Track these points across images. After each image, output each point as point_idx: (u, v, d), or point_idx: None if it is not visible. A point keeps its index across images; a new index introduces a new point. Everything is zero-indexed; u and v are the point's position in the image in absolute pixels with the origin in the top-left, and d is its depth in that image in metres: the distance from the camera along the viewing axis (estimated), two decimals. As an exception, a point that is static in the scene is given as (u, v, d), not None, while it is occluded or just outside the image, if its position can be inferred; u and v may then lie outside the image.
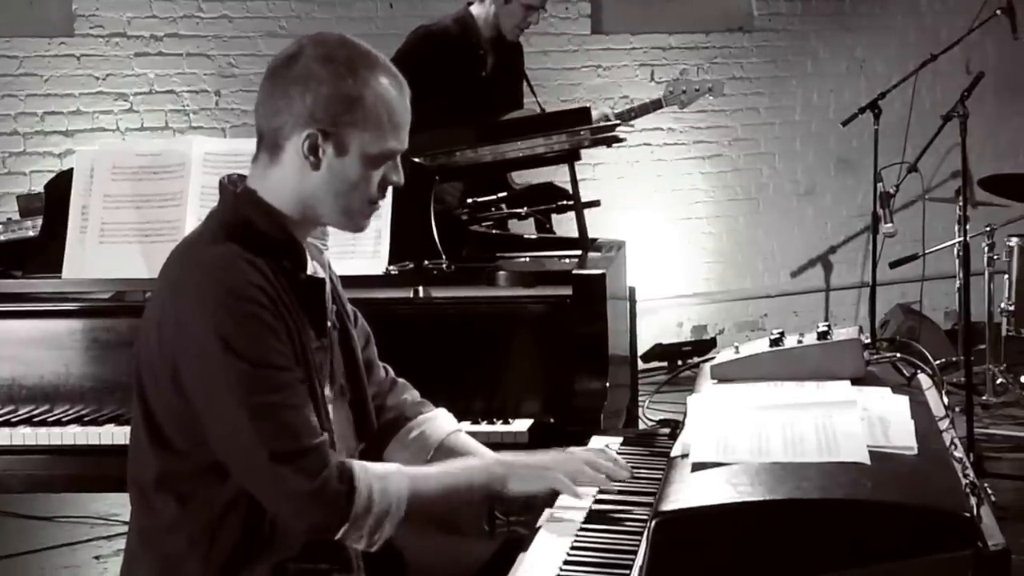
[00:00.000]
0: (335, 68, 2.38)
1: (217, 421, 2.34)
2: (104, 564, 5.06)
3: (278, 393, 2.33)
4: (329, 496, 2.34)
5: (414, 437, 2.76)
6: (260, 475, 2.34)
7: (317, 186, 2.43)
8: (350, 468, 2.38)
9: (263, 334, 2.33)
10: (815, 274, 8.72)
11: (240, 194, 2.47)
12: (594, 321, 3.50)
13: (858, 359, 2.74)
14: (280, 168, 2.43)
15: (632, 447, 2.86)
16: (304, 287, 2.47)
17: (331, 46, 2.42)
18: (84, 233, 3.72)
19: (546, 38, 7.88)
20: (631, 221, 7.64)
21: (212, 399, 2.33)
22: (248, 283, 2.33)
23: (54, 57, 6.85)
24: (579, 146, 4.17)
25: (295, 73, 2.39)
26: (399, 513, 2.41)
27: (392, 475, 2.43)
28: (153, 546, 2.46)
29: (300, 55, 2.41)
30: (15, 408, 3.62)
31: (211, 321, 2.31)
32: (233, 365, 2.30)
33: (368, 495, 2.37)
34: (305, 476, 2.32)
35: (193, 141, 3.81)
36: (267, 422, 2.32)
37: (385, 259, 3.61)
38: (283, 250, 2.44)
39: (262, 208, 2.44)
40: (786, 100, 8.66)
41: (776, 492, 1.99)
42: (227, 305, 2.32)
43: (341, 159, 2.41)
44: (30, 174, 6.74)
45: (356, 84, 2.39)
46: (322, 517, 2.36)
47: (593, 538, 2.33)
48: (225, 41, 7.22)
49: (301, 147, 2.40)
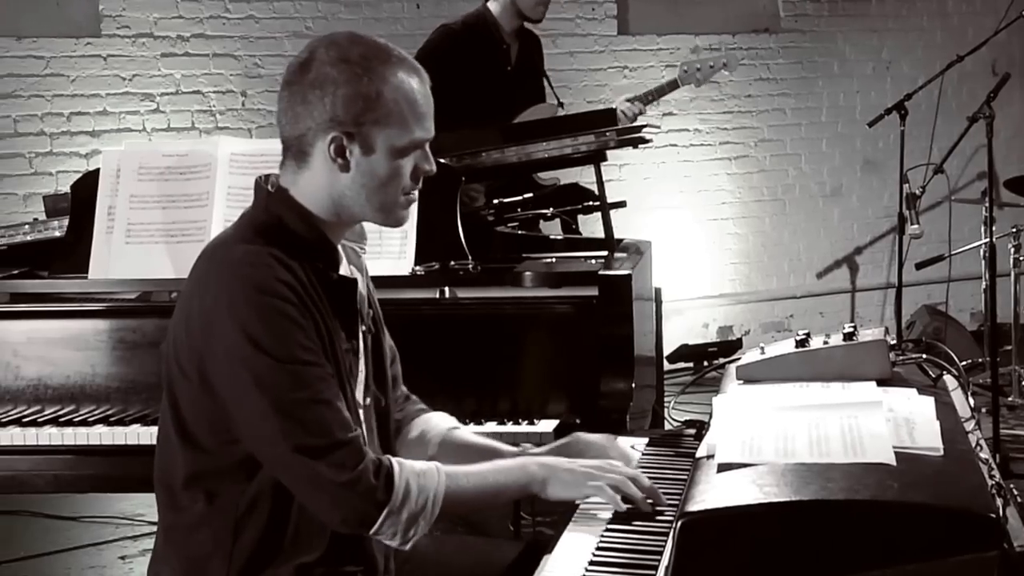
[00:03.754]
0: (350, 68, 2.38)
1: (248, 418, 2.34)
2: (130, 564, 5.07)
3: (308, 388, 2.33)
4: (365, 489, 2.34)
5: (414, 437, 2.77)
6: (294, 471, 2.34)
7: (349, 186, 2.43)
8: (388, 463, 2.38)
9: (291, 330, 2.33)
10: (841, 275, 8.70)
11: (273, 194, 2.47)
12: (620, 322, 3.49)
13: (884, 360, 2.73)
14: (310, 172, 2.43)
15: (658, 448, 2.85)
16: (336, 287, 2.47)
17: (343, 46, 2.41)
18: (110, 233, 3.73)
19: (572, 39, 7.89)
20: (657, 222, 7.64)
21: (242, 396, 2.34)
22: (276, 279, 2.34)
23: (81, 57, 6.88)
24: (605, 147, 4.16)
25: (311, 78, 2.39)
26: (434, 510, 2.40)
27: (429, 472, 2.43)
28: (178, 545, 2.47)
29: (313, 60, 2.40)
30: (41, 408, 3.63)
31: (239, 318, 2.31)
32: (261, 361, 2.31)
33: (405, 490, 2.37)
34: (340, 469, 2.32)
35: (219, 142, 3.81)
36: (298, 418, 2.32)
37: (411, 260, 3.61)
38: (315, 250, 2.44)
39: (295, 208, 2.44)
40: (812, 101, 8.64)
41: (802, 493, 1.98)
42: (254, 301, 2.32)
43: (369, 157, 2.41)
44: (56, 174, 6.77)
45: (373, 81, 2.38)
46: (357, 510, 2.35)
47: (618, 539, 2.32)
48: (252, 42, 7.23)
49: (327, 151, 2.40)
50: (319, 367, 2.36)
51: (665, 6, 8.34)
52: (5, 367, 3.66)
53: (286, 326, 2.33)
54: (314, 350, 2.36)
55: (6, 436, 3.50)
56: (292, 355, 2.33)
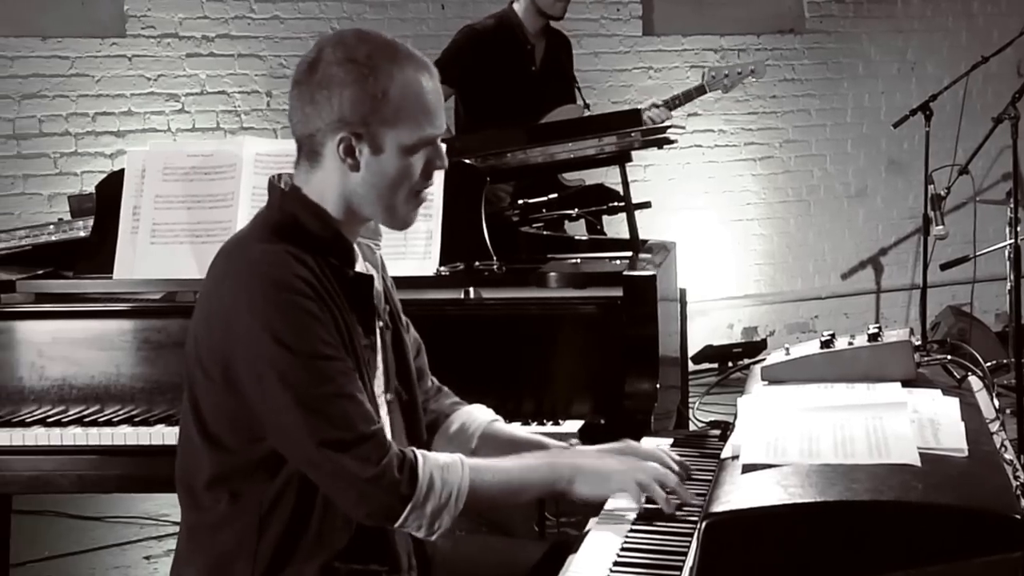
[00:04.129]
0: (356, 68, 2.37)
1: (272, 414, 2.35)
2: (154, 564, 5.09)
3: (330, 383, 2.34)
4: (390, 482, 2.34)
5: (455, 431, 2.76)
6: (319, 465, 2.34)
7: (359, 186, 2.42)
8: (412, 456, 2.39)
9: (311, 325, 2.33)
10: (866, 276, 8.68)
11: (287, 193, 2.47)
12: (645, 322, 3.49)
13: (909, 361, 2.73)
14: (322, 172, 2.44)
15: (683, 448, 2.85)
16: (352, 284, 2.47)
17: (350, 45, 2.40)
18: (135, 234, 3.74)
19: (597, 39, 7.88)
20: (682, 222, 7.63)
21: (265, 393, 2.34)
22: (293, 275, 2.34)
23: (106, 58, 6.90)
24: (630, 148, 4.16)
25: (318, 78, 2.39)
26: (459, 503, 2.40)
27: (454, 465, 2.43)
28: (202, 544, 2.47)
29: (320, 60, 2.40)
30: (66, 408, 3.64)
31: (258, 314, 2.32)
32: (283, 357, 2.31)
33: (429, 483, 2.37)
34: (364, 463, 2.32)
35: (244, 142, 3.82)
36: (321, 412, 2.32)
37: (436, 260, 3.61)
38: (330, 247, 2.45)
39: (308, 206, 2.44)
40: (837, 102, 8.62)
41: (826, 494, 1.97)
42: (273, 298, 2.33)
43: (378, 157, 2.41)
44: (81, 174, 6.79)
45: (379, 80, 2.37)
46: (382, 504, 2.35)
47: (643, 539, 2.32)
48: (277, 42, 7.25)
49: (337, 151, 2.40)
50: (340, 361, 2.36)
51: (690, 7, 8.33)
52: (30, 367, 3.67)
53: (306, 321, 2.33)
54: (334, 344, 2.36)
55: (31, 436, 3.51)
56: (313, 350, 2.33)
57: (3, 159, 6.71)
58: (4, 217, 6.49)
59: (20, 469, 3.54)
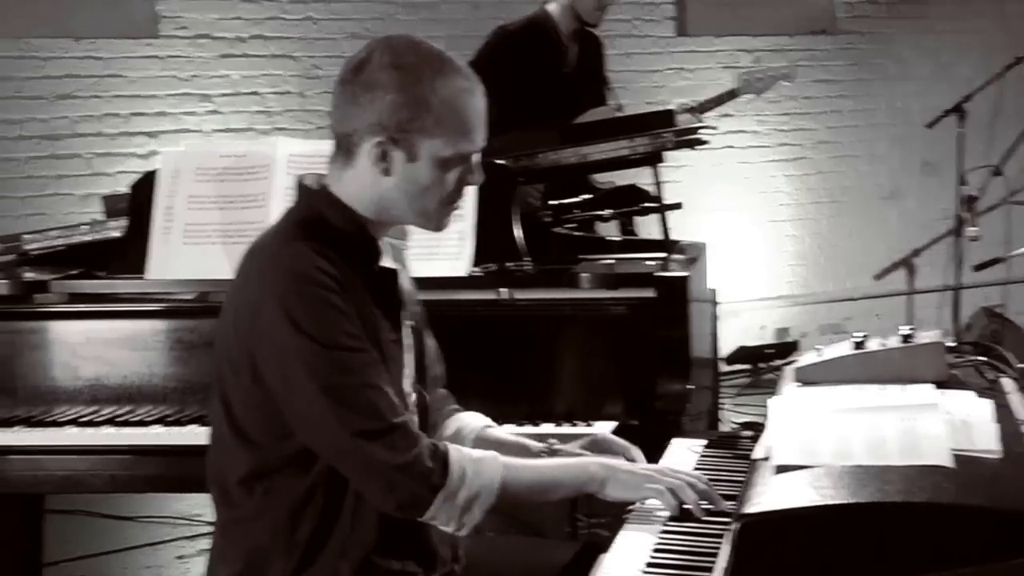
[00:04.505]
0: (402, 75, 2.38)
1: (299, 407, 2.36)
2: (187, 564, 5.11)
3: (356, 374, 2.35)
4: (420, 471, 2.35)
5: (450, 435, 2.76)
6: (348, 456, 2.36)
7: (390, 190, 2.44)
8: (444, 447, 2.40)
9: (335, 317, 2.34)
10: (898, 277, 8.60)
11: (315, 191, 2.49)
12: (676, 323, 3.49)
13: (941, 362, 2.72)
14: (354, 171, 2.45)
15: (714, 449, 2.84)
16: (377, 279, 2.48)
17: (399, 51, 2.42)
18: (168, 234, 3.75)
19: (630, 40, 7.88)
20: (714, 223, 7.62)
21: (291, 386, 2.35)
22: (317, 269, 2.35)
23: (139, 58, 6.93)
24: (662, 148, 4.15)
25: (363, 79, 2.40)
26: (490, 498, 2.41)
27: (486, 460, 2.43)
28: (236, 540, 2.49)
29: (369, 61, 2.41)
30: (99, 408, 3.66)
31: (284, 308, 2.33)
32: (307, 348, 2.32)
33: (461, 475, 2.38)
34: (394, 451, 2.33)
35: (277, 142, 3.83)
36: (349, 403, 2.33)
37: (468, 261, 3.61)
38: (356, 244, 2.46)
39: (335, 204, 2.46)
40: (870, 103, 8.59)
41: (859, 495, 1.97)
42: (297, 290, 2.34)
43: (412, 165, 2.42)
44: (115, 174, 6.82)
45: (423, 90, 2.39)
46: (412, 493, 2.36)
47: (675, 541, 2.32)
48: (309, 43, 7.27)
49: (371, 154, 2.41)
50: (365, 352, 2.37)
51: (723, 8, 8.32)
52: (63, 367, 3.69)
53: (331, 314, 2.34)
54: (359, 336, 2.37)
55: (64, 436, 3.53)
56: (338, 342, 2.34)
57: (37, 160, 6.75)
58: (38, 217, 6.53)
59: (53, 469, 3.55)
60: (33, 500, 3.83)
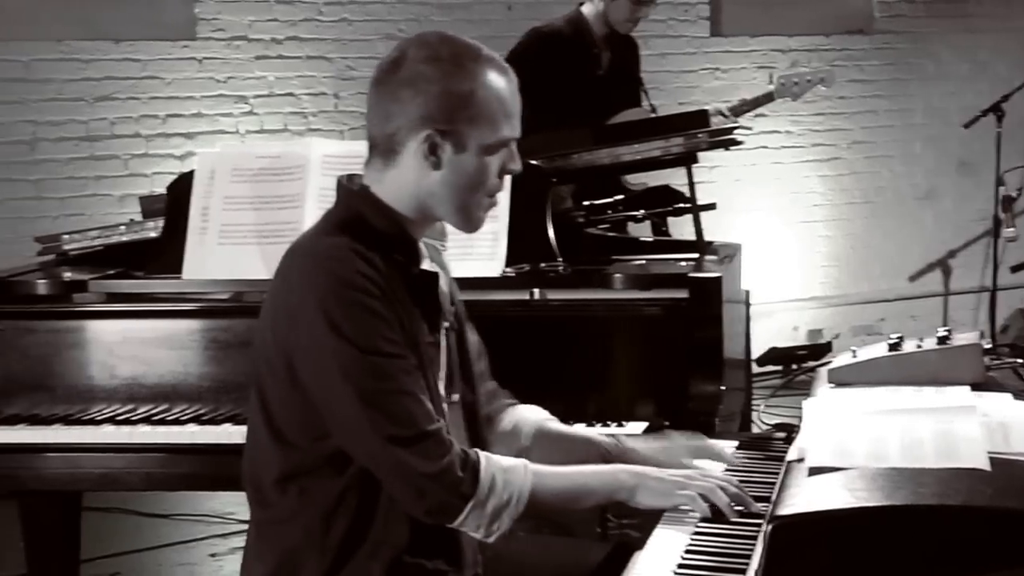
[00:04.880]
0: (442, 67, 2.40)
1: (335, 409, 2.37)
2: (220, 562, 5.13)
3: (392, 380, 2.36)
4: (451, 479, 2.36)
5: (508, 429, 2.78)
6: (381, 461, 2.36)
7: (437, 184, 2.44)
8: (475, 456, 2.40)
9: (373, 322, 2.35)
10: (933, 278, 8.61)
11: (355, 191, 2.50)
12: (709, 324, 3.48)
13: (978, 364, 2.71)
14: (397, 170, 2.45)
15: (747, 451, 2.84)
16: (417, 281, 2.49)
17: (434, 45, 2.43)
18: (204, 234, 3.77)
19: (664, 40, 7.87)
20: (747, 224, 7.60)
21: (328, 388, 2.36)
22: (357, 272, 2.36)
23: (176, 60, 6.96)
24: (696, 149, 4.14)
25: (403, 76, 2.41)
26: (519, 506, 2.41)
27: (516, 468, 2.44)
28: (271, 540, 2.50)
29: (404, 58, 2.42)
30: (135, 407, 3.68)
31: (323, 311, 2.34)
32: (345, 352, 2.33)
33: (490, 484, 2.38)
34: (426, 459, 2.34)
35: (312, 143, 3.84)
36: (383, 408, 2.34)
37: (502, 261, 3.62)
38: (396, 245, 2.46)
39: (376, 204, 2.47)
40: (906, 102, 8.55)
41: (893, 498, 1.96)
42: (337, 294, 2.35)
43: (460, 155, 2.43)
44: (152, 175, 6.85)
45: (465, 80, 2.41)
46: (442, 501, 2.37)
47: (708, 542, 2.31)
48: (344, 44, 7.28)
49: (420, 149, 2.41)
50: (403, 359, 2.38)
51: (758, 8, 8.29)
52: (101, 366, 3.71)
53: (370, 319, 2.35)
54: (398, 342, 2.38)
55: (101, 434, 3.55)
56: (376, 347, 2.35)
57: (76, 161, 6.79)
58: (76, 218, 6.57)
59: (90, 466, 3.58)
60: (71, 497, 3.85)
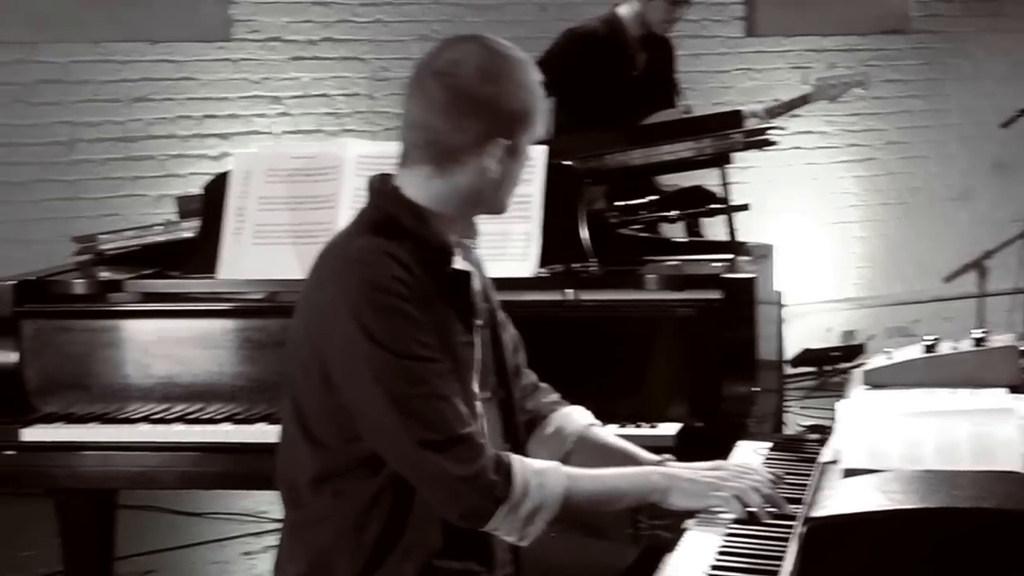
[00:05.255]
0: (497, 82, 2.44)
1: (367, 413, 2.38)
2: (252, 560, 5.15)
3: (425, 384, 2.37)
4: (484, 483, 2.36)
5: (551, 433, 2.77)
6: (414, 464, 2.37)
7: (490, 187, 2.49)
8: (508, 460, 2.41)
9: (406, 326, 2.36)
10: (968, 280, 8.53)
11: (387, 193, 2.51)
12: (743, 325, 3.47)
13: (1015, 366, 2.69)
14: (451, 177, 2.47)
15: (781, 452, 2.83)
16: (450, 281, 2.49)
17: (481, 57, 2.46)
18: (239, 234, 3.79)
19: (698, 41, 7.85)
20: (781, 225, 7.58)
21: (360, 391, 2.37)
22: (391, 276, 2.37)
23: (212, 61, 6.99)
24: (730, 149, 4.14)
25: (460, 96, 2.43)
26: (553, 509, 2.42)
27: (549, 471, 2.44)
28: (304, 541, 2.51)
29: (458, 75, 2.44)
30: (170, 406, 3.70)
31: (354, 313, 2.35)
32: (378, 356, 2.34)
33: (524, 487, 2.39)
34: (459, 463, 2.35)
35: (347, 144, 3.86)
36: (415, 413, 2.35)
37: (535, 261, 3.62)
38: (428, 245, 2.47)
39: (407, 205, 2.48)
40: (942, 103, 8.51)
41: (928, 500, 1.95)
42: (370, 297, 2.36)
43: (515, 158, 2.49)
44: (187, 176, 6.88)
45: (517, 88, 2.46)
46: (475, 505, 2.38)
47: (741, 543, 2.31)
48: (378, 45, 7.30)
49: (485, 159, 2.45)
50: (436, 363, 2.39)
51: (793, 8, 8.27)
52: (136, 365, 3.73)
53: (403, 323, 2.36)
54: (431, 346, 2.39)
55: (136, 433, 3.58)
56: (409, 351, 2.36)
57: (113, 161, 6.84)
58: (113, 218, 6.60)
59: (126, 465, 3.60)
60: (106, 495, 3.87)
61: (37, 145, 6.71)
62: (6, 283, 3.79)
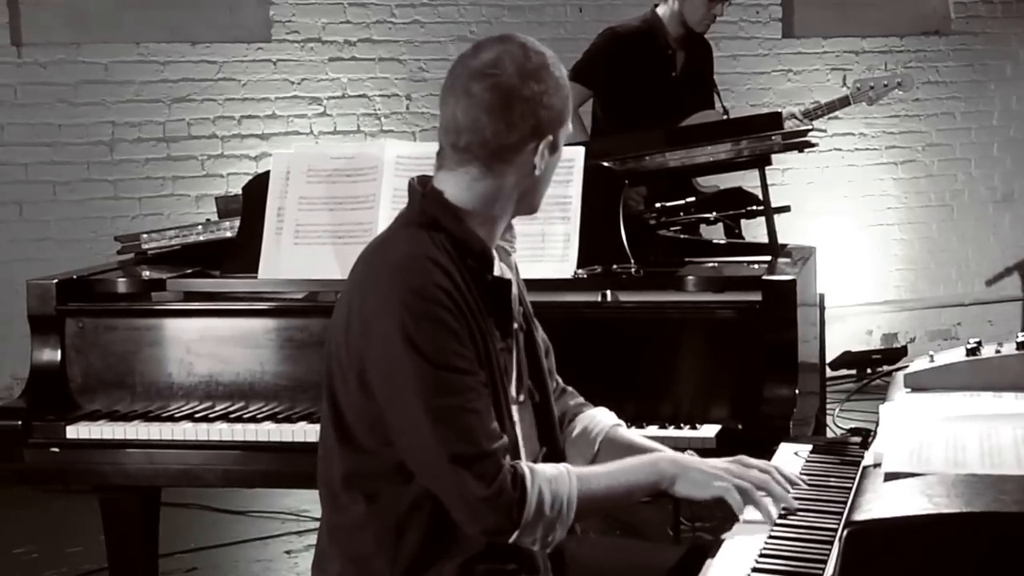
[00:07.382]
0: (539, 81, 2.45)
1: (399, 420, 2.38)
2: (295, 559, 5.17)
3: (459, 396, 2.36)
4: (503, 503, 2.36)
5: (577, 435, 2.77)
6: (440, 476, 2.37)
7: (532, 185, 2.51)
8: (522, 473, 2.40)
9: (445, 336, 2.36)
10: (1011, 283, 8.51)
11: (428, 196, 2.50)
12: (784, 327, 3.46)
13: (1059, 370, 2.68)
14: (500, 178, 2.48)
15: (822, 455, 2.82)
16: (490, 287, 2.50)
17: (520, 59, 2.46)
18: (279, 234, 3.80)
19: (736, 42, 7.84)
20: (821, 227, 7.55)
21: (395, 398, 2.37)
22: (433, 284, 2.37)
23: (251, 62, 7.03)
24: (770, 151, 4.13)
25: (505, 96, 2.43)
26: (570, 515, 2.42)
27: (560, 477, 2.44)
28: (342, 544, 2.51)
29: (500, 75, 2.44)
30: (212, 404, 3.72)
31: (395, 321, 2.35)
32: (416, 365, 2.34)
33: (538, 500, 2.39)
34: (481, 481, 2.35)
35: (385, 144, 3.86)
36: (448, 424, 2.35)
37: (574, 263, 3.62)
38: (470, 251, 2.47)
39: (449, 209, 2.48)
40: (983, 104, 8.46)
41: (973, 504, 1.94)
42: (411, 305, 2.35)
43: (554, 156, 2.52)
44: (227, 176, 6.93)
45: (557, 87, 2.49)
46: (494, 522, 2.38)
47: (781, 546, 2.30)
48: (417, 46, 7.32)
49: (531, 159, 2.47)
50: (472, 375, 2.39)
51: (831, 9, 8.24)
52: (179, 364, 3.75)
53: (442, 333, 2.36)
54: (469, 357, 2.39)
55: (179, 431, 3.59)
56: (447, 362, 2.36)
57: (154, 161, 6.88)
58: (154, 217, 6.66)
59: (169, 463, 3.62)
60: (150, 493, 3.90)
61: (80, 145, 6.77)
62: (49, 282, 3.82)
